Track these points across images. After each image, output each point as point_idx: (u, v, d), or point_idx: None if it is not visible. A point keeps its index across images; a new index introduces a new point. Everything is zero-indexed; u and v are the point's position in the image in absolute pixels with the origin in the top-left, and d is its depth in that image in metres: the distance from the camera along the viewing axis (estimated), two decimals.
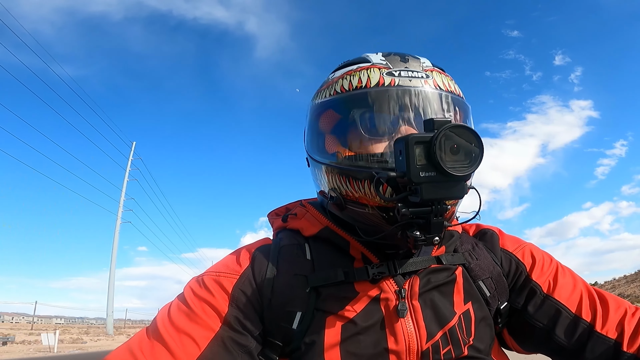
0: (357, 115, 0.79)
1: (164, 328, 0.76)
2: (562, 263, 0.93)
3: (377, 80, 0.79)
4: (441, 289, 0.81)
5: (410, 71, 0.79)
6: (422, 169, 0.65)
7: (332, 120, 0.83)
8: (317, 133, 0.86)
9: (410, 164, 0.65)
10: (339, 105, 0.82)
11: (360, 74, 0.80)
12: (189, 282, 0.84)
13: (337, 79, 0.84)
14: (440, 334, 0.77)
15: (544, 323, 0.85)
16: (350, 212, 0.81)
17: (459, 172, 0.65)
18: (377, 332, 0.76)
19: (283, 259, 0.83)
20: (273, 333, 0.79)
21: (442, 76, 0.83)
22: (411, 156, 0.65)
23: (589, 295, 0.86)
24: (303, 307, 0.78)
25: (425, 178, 0.65)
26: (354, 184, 0.78)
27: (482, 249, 0.91)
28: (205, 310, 0.77)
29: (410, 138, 0.65)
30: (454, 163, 0.65)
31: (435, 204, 0.67)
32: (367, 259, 0.82)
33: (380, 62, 0.82)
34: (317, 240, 0.85)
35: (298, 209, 0.93)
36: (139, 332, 0.79)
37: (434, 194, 0.65)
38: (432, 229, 0.69)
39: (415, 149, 0.65)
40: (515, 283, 0.89)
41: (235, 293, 0.79)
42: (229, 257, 0.87)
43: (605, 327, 0.82)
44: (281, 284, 0.80)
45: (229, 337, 0.76)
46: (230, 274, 0.82)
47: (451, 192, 0.67)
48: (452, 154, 0.65)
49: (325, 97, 0.84)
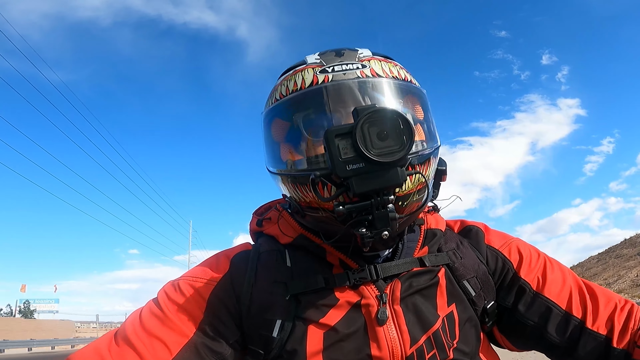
0: (299, 118, 0.77)
1: (134, 332, 0.74)
2: (549, 256, 0.90)
3: (311, 80, 0.76)
4: (423, 293, 0.79)
5: (344, 64, 0.76)
6: (348, 161, 0.62)
7: (278, 127, 0.81)
8: (268, 142, 0.83)
9: (334, 158, 0.62)
10: (280, 112, 0.80)
11: (296, 77, 0.78)
12: (164, 286, 0.81)
13: (277, 86, 0.82)
14: (424, 338, 0.76)
15: (535, 321, 0.82)
16: (310, 218, 0.79)
17: (389, 158, 0.61)
18: (359, 339, 0.74)
19: (262, 266, 0.81)
20: (253, 341, 0.77)
21: (383, 63, 0.78)
22: (333, 150, 0.62)
23: (579, 291, 0.84)
24: (283, 315, 0.76)
25: (353, 171, 0.62)
26: (302, 190, 0.75)
27: (467, 247, 0.88)
28: (179, 315, 0.75)
29: (328, 132, 0.63)
30: (381, 150, 0.61)
31: (374, 196, 0.63)
32: (346, 265, 0.79)
33: (315, 61, 0.79)
34: (293, 247, 0.83)
35: (272, 213, 0.90)
36: (107, 333, 0.76)
37: (365, 186, 0.62)
38: (377, 223, 0.65)
39: (336, 142, 0.62)
40: (502, 281, 0.86)
41: (212, 299, 0.77)
42: (207, 262, 0.84)
43: (596, 323, 0.80)
44: (260, 291, 0.78)
45: (203, 343, 0.74)
46: (208, 279, 0.79)
47: (385, 181, 0.63)
48: (380, 141, 0.62)
49: (268, 106, 0.82)
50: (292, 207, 0.82)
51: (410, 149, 0.63)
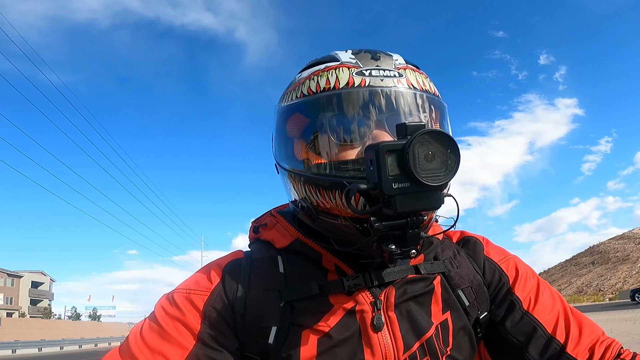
0: (326, 119, 0.74)
1: (137, 348, 0.74)
2: (542, 279, 0.90)
3: (347, 80, 0.73)
4: (418, 300, 0.79)
5: (381, 70, 0.74)
6: (394, 179, 0.59)
7: (300, 124, 0.78)
8: (285, 138, 0.80)
9: (382, 175, 0.59)
10: (307, 109, 0.76)
11: (329, 74, 0.75)
12: (159, 301, 0.81)
13: (304, 80, 0.78)
14: (417, 345, 0.75)
15: (519, 340, 0.82)
16: (323, 223, 0.77)
17: (435, 182, 0.59)
18: (353, 345, 0.74)
19: (255, 273, 0.81)
20: (250, 348, 0.77)
21: (417, 74, 0.78)
22: (382, 167, 0.59)
23: (565, 316, 0.84)
24: (278, 322, 0.75)
25: (399, 190, 0.59)
26: (324, 194, 0.73)
27: (464, 257, 0.87)
28: (177, 328, 0.75)
29: (380, 147, 0.60)
30: (428, 172, 0.59)
31: (410, 216, 0.62)
32: (341, 271, 0.79)
33: (350, 60, 0.76)
34: (289, 252, 0.82)
35: (268, 219, 0.90)
36: (111, 351, 0.77)
37: (408, 206, 0.60)
38: (409, 242, 0.64)
39: (386, 158, 0.59)
40: (496, 294, 0.86)
41: (207, 310, 0.77)
42: (200, 273, 0.84)
43: (576, 350, 0.79)
44: (254, 299, 0.78)
45: (204, 354, 0.74)
46: (201, 291, 0.79)
47: (427, 203, 0.61)
48: (426, 162, 0.59)
49: (292, 100, 0.79)
50: (305, 209, 0.79)
51: (455, 174, 0.62)
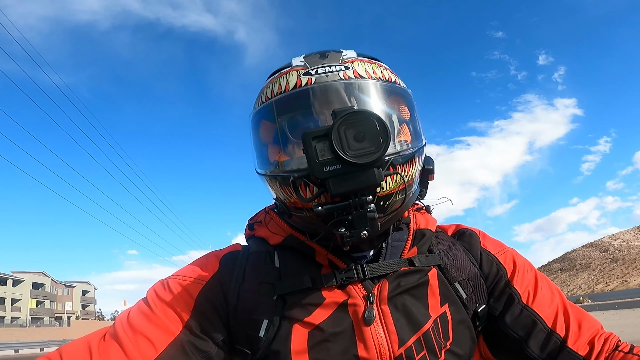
0: (284, 121, 0.78)
1: (122, 328, 0.75)
2: (539, 272, 0.90)
3: (295, 82, 0.77)
4: (413, 292, 0.79)
5: (327, 66, 0.77)
6: (326, 163, 0.63)
7: (264, 129, 0.82)
8: (255, 144, 0.84)
9: (311, 160, 0.63)
10: (265, 114, 0.81)
11: (280, 80, 0.79)
12: (154, 285, 0.82)
13: (263, 89, 0.83)
14: (414, 339, 0.75)
15: (519, 334, 0.82)
16: (297, 219, 0.80)
17: (364, 159, 0.62)
18: (345, 339, 0.74)
19: (250, 267, 0.82)
20: (240, 340, 0.77)
21: (367, 64, 0.79)
22: (310, 152, 0.63)
23: (564, 310, 0.84)
24: (269, 315, 0.76)
25: (330, 172, 0.63)
26: (287, 191, 0.77)
27: (459, 249, 0.87)
28: (166, 313, 0.76)
29: (305, 134, 0.64)
30: (357, 151, 0.63)
31: (352, 197, 0.65)
32: (334, 265, 0.79)
33: (299, 64, 0.80)
34: (283, 248, 0.83)
35: (262, 216, 0.92)
36: (102, 328, 0.78)
37: (342, 187, 0.64)
38: (356, 223, 0.66)
39: (313, 144, 0.63)
40: (494, 287, 0.86)
41: (200, 298, 0.78)
42: (197, 261, 0.85)
43: (577, 344, 0.80)
44: (247, 291, 0.78)
45: (189, 341, 0.75)
46: (197, 279, 0.80)
47: (361, 182, 0.64)
48: (355, 142, 0.63)
49: (255, 108, 0.83)
50: (279, 208, 0.83)
51: (386, 150, 0.64)
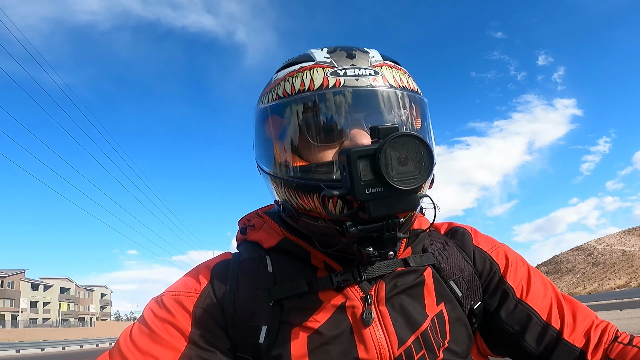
0: (303, 121, 0.74)
1: (128, 351, 0.73)
2: (532, 266, 0.91)
3: (321, 81, 0.73)
4: (410, 292, 0.78)
5: (357, 68, 0.74)
6: (367, 184, 0.60)
7: (278, 126, 0.78)
8: (263, 140, 0.81)
9: (354, 181, 0.60)
10: (282, 111, 0.76)
11: (303, 75, 0.75)
12: (148, 304, 0.81)
13: (280, 81, 0.78)
14: (413, 338, 0.75)
15: (514, 329, 0.83)
16: (305, 225, 0.78)
17: (408, 186, 0.60)
18: (345, 341, 0.74)
19: (243, 274, 0.80)
20: (241, 348, 0.76)
21: (394, 70, 0.77)
22: (354, 172, 0.60)
23: (558, 303, 0.85)
24: (267, 321, 0.75)
25: (372, 195, 0.60)
26: (303, 198, 0.74)
27: (453, 248, 0.87)
28: (168, 330, 0.75)
29: (352, 152, 0.60)
30: (401, 175, 0.60)
31: (386, 219, 0.63)
32: (330, 268, 0.78)
33: (325, 60, 0.76)
34: (277, 251, 0.82)
35: (256, 220, 0.89)
36: (102, 355, 0.76)
37: (382, 211, 0.61)
38: (385, 245, 0.65)
39: (358, 163, 0.60)
40: (489, 283, 0.86)
41: (197, 312, 0.76)
42: (188, 275, 0.84)
43: (573, 336, 0.81)
44: (243, 299, 0.77)
45: (197, 355, 0.74)
46: (190, 292, 0.79)
47: (400, 207, 0.62)
48: (400, 165, 0.60)
49: (268, 102, 0.79)
50: (286, 210, 0.79)
51: (429, 176, 0.62)
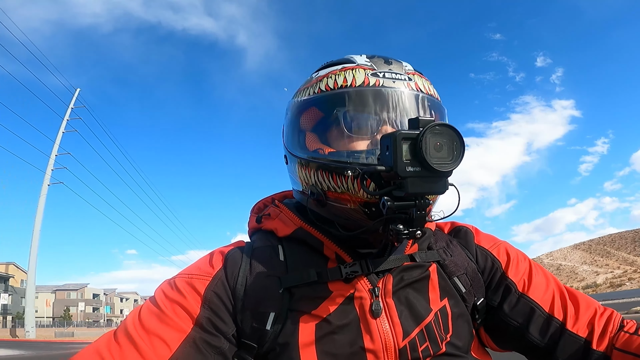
0: (341, 113, 0.81)
1: (134, 330, 0.75)
2: (533, 261, 0.94)
3: (362, 80, 0.81)
4: (415, 286, 0.82)
5: (394, 73, 0.82)
6: (408, 164, 0.66)
7: (314, 118, 0.85)
8: (298, 130, 0.87)
9: (398, 158, 0.66)
10: (323, 103, 0.84)
11: (346, 74, 0.82)
12: (161, 285, 0.83)
13: (322, 78, 0.85)
14: (417, 331, 0.78)
15: (518, 322, 0.85)
16: (331, 208, 0.81)
17: (443, 168, 0.66)
18: (352, 331, 0.76)
19: (256, 261, 0.83)
20: (247, 334, 0.78)
21: (423, 80, 0.86)
22: (398, 151, 0.66)
23: (561, 294, 0.87)
24: (276, 308, 0.77)
25: (411, 172, 0.66)
26: (337, 180, 0.78)
27: (457, 246, 0.91)
28: (176, 311, 0.77)
29: (397, 134, 0.67)
30: (438, 160, 0.66)
31: (419, 198, 0.69)
32: (341, 259, 0.81)
33: (365, 63, 0.84)
34: (291, 240, 0.85)
35: (272, 209, 0.93)
36: (106, 333, 0.77)
37: (419, 188, 0.67)
38: (415, 223, 0.70)
39: (402, 144, 0.66)
40: (491, 280, 0.89)
41: (208, 295, 0.79)
42: (202, 259, 0.86)
43: (576, 326, 0.83)
44: (254, 285, 0.80)
45: (201, 338, 0.76)
46: (203, 275, 0.81)
47: (435, 187, 0.68)
48: (436, 151, 0.66)
49: (309, 95, 0.86)
50: (314, 195, 0.83)
51: (460, 162, 0.68)
